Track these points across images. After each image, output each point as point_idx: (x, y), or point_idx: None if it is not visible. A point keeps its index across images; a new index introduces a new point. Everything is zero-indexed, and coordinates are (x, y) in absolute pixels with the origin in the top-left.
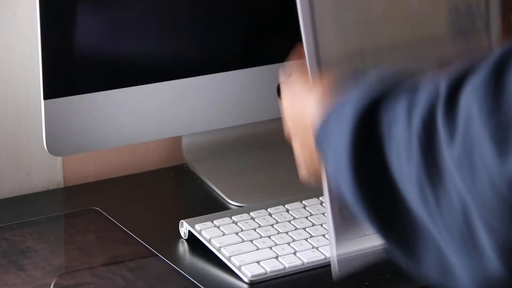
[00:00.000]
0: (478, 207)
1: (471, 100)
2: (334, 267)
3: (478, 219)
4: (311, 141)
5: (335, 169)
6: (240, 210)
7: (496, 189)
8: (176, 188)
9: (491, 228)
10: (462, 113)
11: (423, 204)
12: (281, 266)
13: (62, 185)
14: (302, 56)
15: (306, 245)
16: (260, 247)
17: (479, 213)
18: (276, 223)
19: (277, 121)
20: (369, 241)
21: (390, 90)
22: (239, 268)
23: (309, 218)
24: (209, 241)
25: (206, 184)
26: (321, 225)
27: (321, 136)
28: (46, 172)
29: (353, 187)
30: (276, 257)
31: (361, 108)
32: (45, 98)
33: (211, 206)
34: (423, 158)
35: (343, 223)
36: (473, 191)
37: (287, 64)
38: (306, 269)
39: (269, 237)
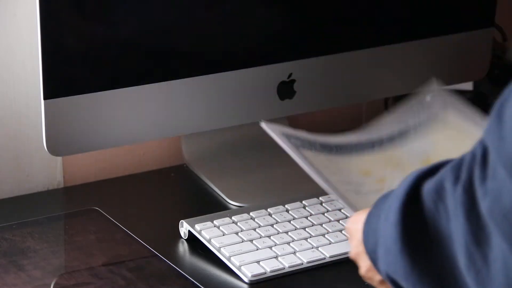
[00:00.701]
0: None
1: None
2: None
3: None
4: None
5: (386, 255)
6: (240, 210)
7: None
8: (176, 188)
9: None
10: (491, 162)
11: (471, 271)
12: (281, 266)
13: (62, 185)
14: None
15: (306, 245)
16: (260, 247)
17: None
18: (276, 223)
19: (277, 121)
20: None
21: (431, 171)
22: (239, 268)
23: (309, 218)
24: (209, 241)
25: (206, 184)
26: (321, 225)
27: (369, 227)
28: (46, 172)
29: (405, 266)
30: (276, 257)
31: (407, 189)
32: (45, 98)
33: (211, 206)
34: (467, 221)
35: None
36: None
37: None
38: (306, 269)
39: (269, 237)
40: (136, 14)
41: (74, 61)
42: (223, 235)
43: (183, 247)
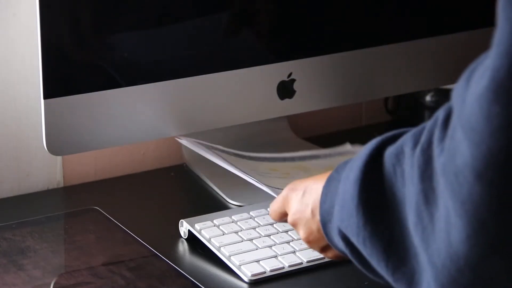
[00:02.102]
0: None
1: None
2: None
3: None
4: (313, 223)
5: (341, 210)
6: (240, 210)
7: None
8: (176, 188)
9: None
10: (452, 123)
11: (418, 228)
12: (281, 265)
13: (62, 185)
14: None
15: (305, 244)
16: (259, 246)
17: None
18: (276, 222)
19: (277, 121)
20: None
21: (394, 137)
22: (239, 268)
23: None
24: (209, 240)
25: (206, 183)
26: None
27: (328, 189)
28: (46, 171)
29: (358, 222)
30: (276, 257)
31: (370, 152)
32: (45, 98)
33: (211, 206)
34: (420, 181)
35: None
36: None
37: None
38: (306, 268)
39: (268, 236)
40: (136, 14)
41: (73, 61)
42: (223, 234)
43: (183, 247)
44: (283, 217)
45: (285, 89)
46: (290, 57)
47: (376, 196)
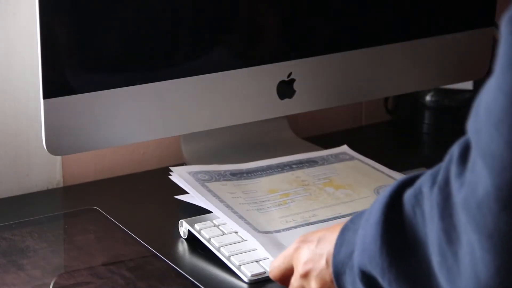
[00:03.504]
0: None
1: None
2: None
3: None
4: (327, 274)
5: (363, 253)
6: None
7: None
8: (176, 188)
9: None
10: (471, 156)
11: (443, 268)
12: None
13: (61, 185)
14: None
15: None
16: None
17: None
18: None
19: (277, 121)
20: None
21: (413, 179)
22: (238, 268)
23: None
24: (208, 240)
25: None
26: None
27: (343, 239)
28: (45, 171)
29: (382, 263)
30: None
31: (389, 195)
32: (44, 98)
33: None
34: (441, 220)
35: None
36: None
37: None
38: None
39: None
40: (136, 13)
41: (73, 61)
42: (223, 234)
43: (182, 247)
44: (285, 275)
45: (285, 89)
46: (290, 57)
47: (399, 238)
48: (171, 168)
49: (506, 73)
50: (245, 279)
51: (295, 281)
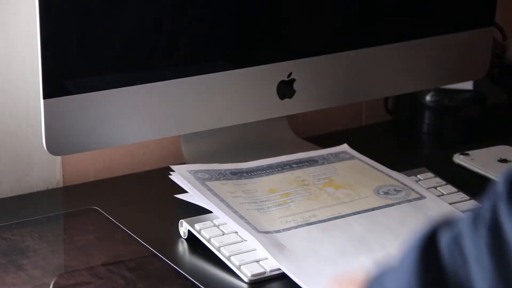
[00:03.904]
0: None
1: None
2: None
3: None
4: None
5: None
6: None
7: None
8: (176, 188)
9: None
10: None
11: None
12: None
13: (61, 185)
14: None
15: None
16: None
17: None
18: None
19: (277, 121)
20: None
21: (444, 223)
22: (238, 268)
23: None
24: (208, 240)
25: None
26: None
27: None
28: (45, 171)
29: None
30: None
31: (422, 242)
32: (44, 98)
33: None
34: (495, 263)
35: None
36: None
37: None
38: None
39: None
40: (136, 13)
41: (73, 61)
42: (223, 234)
43: (182, 247)
44: None
45: (285, 89)
46: (290, 57)
47: (438, 285)
48: (171, 166)
49: None
50: (245, 279)
51: None
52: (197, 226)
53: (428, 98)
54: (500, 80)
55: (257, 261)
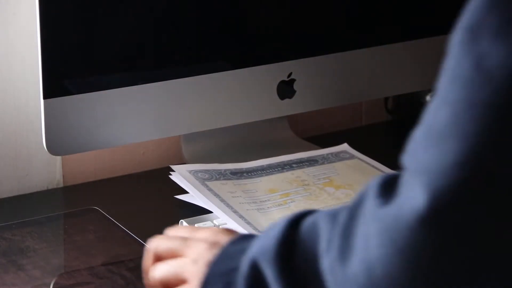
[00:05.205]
0: None
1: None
2: None
3: None
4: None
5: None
6: None
7: None
8: (176, 188)
9: None
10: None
11: (331, 276)
12: None
13: (61, 185)
14: None
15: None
16: None
17: None
18: None
19: (277, 121)
20: None
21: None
22: None
23: None
24: None
25: None
26: None
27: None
28: (45, 171)
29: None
30: None
31: (288, 220)
32: (44, 98)
33: None
34: (341, 241)
35: None
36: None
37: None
38: None
39: None
40: (136, 14)
41: (73, 61)
42: None
43: None
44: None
45: (285, 89)
46: (290, 57)
47: (293, 258)
48: (171, 166)
49: (452, 86)
50: None
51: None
52: (197, 226)
53: (428, 98)
54: None
55: None
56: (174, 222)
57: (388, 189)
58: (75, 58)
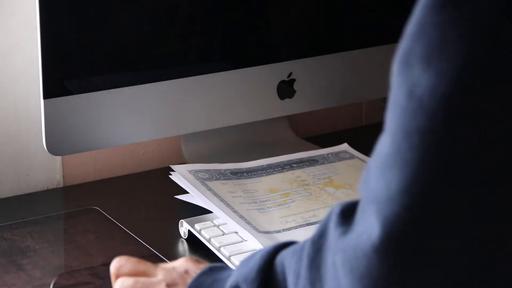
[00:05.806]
0: None
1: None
2: None
3: None
4: None
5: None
6: None
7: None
8: (175, 188)
9: None
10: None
11: None
12: None
13: (61, 185)
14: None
15: None
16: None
17: None
18: None
19: (277, 121)
20: None
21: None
22: None
23: None
24: (209, 240)
25: None
26: None
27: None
28: (45, 171)
29: None
30: None
31: (267, 251)
32: (44, 98)
33: None
34: (309, 270)
35: None
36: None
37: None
38: None
39: None
40: (135, 14)
41: (73, 61)
42: (223, 234)
43: (183, 247)
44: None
45: (285, 89)
46: (290, 57)
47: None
48: (172, 166)
49: (392, 115)
50: None
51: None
52: (197, 226)
53: None
54: None
55: None
56: (174, 222)
57: (348, 217)
58: (75, 58)
